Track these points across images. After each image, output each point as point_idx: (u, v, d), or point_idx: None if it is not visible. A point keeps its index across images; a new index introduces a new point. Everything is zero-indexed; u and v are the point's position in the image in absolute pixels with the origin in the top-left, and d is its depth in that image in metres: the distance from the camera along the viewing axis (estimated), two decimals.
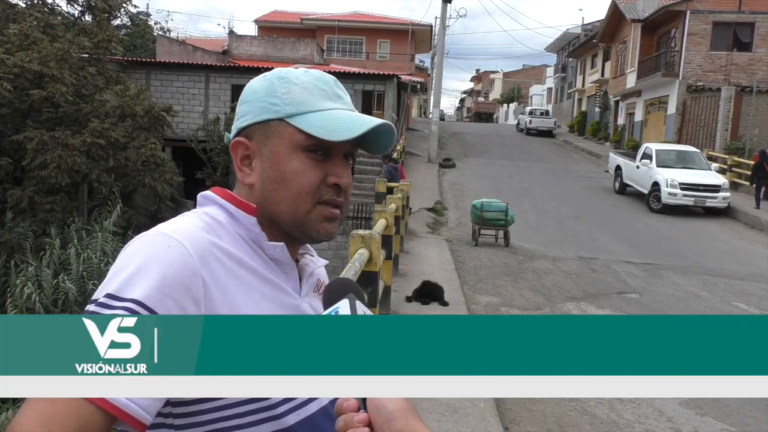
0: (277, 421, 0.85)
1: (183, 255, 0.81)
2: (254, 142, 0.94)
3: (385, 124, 0.93)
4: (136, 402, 0.74)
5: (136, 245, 0.83)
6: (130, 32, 27.68)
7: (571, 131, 36.31)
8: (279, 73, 0.95)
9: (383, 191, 12.08)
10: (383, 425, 0.71)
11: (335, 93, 0.95)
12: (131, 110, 14.93)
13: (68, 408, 0.71)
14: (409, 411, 0.73)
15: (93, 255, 11.05)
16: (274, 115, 0.92)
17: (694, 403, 4.77)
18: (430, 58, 37.90)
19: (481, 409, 4.12)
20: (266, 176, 0.93)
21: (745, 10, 23.22)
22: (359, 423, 0.72)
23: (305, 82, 0.94)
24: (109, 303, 0.77)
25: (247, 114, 0.94)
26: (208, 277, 0.82)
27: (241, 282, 0.87)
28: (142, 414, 0.75)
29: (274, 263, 0.93)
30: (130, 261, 0.80)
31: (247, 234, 0.92)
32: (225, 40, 29.96)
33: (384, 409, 0.72)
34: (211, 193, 0.95)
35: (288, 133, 0.91)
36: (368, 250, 4.16)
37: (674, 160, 16.20)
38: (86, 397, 0.71)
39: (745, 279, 9.51)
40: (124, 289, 0.77)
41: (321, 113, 0.92)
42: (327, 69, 21.71)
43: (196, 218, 0.90)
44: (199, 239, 0.84)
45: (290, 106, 0.92)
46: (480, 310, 7.09)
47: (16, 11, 16.87)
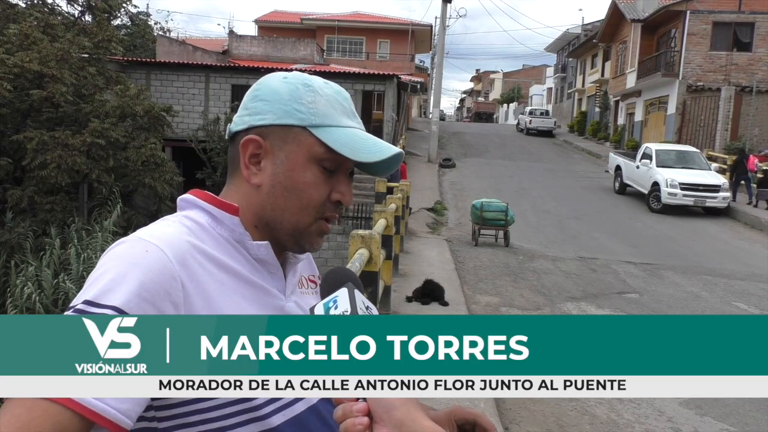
0: (262, 421, 0.84)
1: (161, 259, 0.80)
2: (269, 143, 0.92)
3: (400, 153, 0.94)
4: (114, 407, 0.73)
5: (115, 252, 0.82)
6: (130, 32, 27.68)
7: (571, 131, 36.31)
8: (303, 80, 0.94)
9: (383, 191, 12.09)
10: (383, 414, 0.70)
11: (352, 111, 0.96)
12: (131, 110, 14.92)
13: (45, 413, 0.70)
14: (410, 401, 0.71)
15: (93, 255, 11.05)
16: (298, 122, 0.91)
17: (694, 403, 4.77)
18: (430, 58, 37.92)
19: (481, 409, 4.11)
20: (277, 181, 0.92)
21: (745, 10, 23.23)
22: (358, 412, 0.71)
23: (328, 95, 0.94)
24: (86, 309, 0.76)
25: (266, 113, 0.92)
26: (188, 281, 0.81)
27: (222, 285, 0.86)
28: (121, 418, 0.73)
29: (258, 263, 0.92)
30: (108, 267, 0.80)
31: (230, 235, 0.91)
32: (225, 40, 29.96)
33: (384, 398, 0.71)
34: (190, 196, 0.94)
35: (308, 143, 0.91)
36: (368, 250, 4.17)
37: (674, 160, 16.21)
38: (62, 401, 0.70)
39: (745, 279, 9.51)
40: (102, 296, 0.76)
41: (343, 130, 0.92)
42: (327, 69, 21.74)
43: (176, 222, 0.89)
44: (178, 243, 0.83)
45: (315, 117, 0.91)
46: (480, 310, 7.09)
47: (16, 11, 16.89)
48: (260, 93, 0.94)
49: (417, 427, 0.69)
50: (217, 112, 19.95)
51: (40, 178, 13.20)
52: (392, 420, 0.69)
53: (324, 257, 13.84)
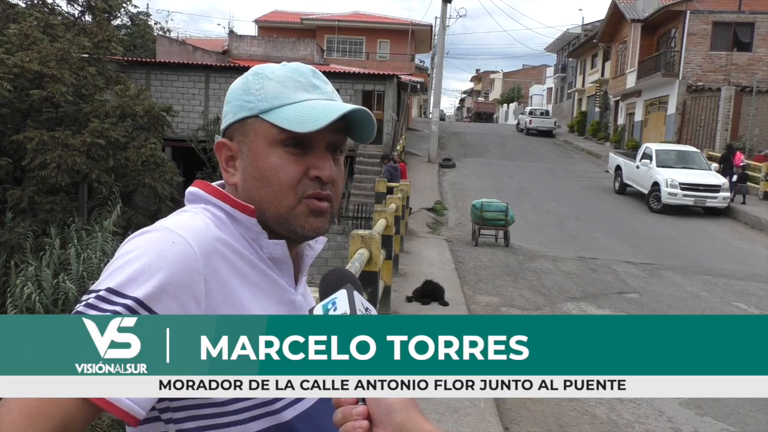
0: (275, 415, 0.85)
1: (187, 252, 0.80)
2: (235, 142, 0.94)
3: (358, 109, 0.90)
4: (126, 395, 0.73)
5: (142, 240, 0.82)
6: (130, 32, 27.67)
7: (571, 131, 36.29)
8: (254, 70, 0.95)
9: (383, 191, 12.10)
10: (383, 418, 0.70)
11: (311, 83, 0.94)
12: (131, 110, 14.92)
13: (53, 400, 0.70)
14: (410, 404, 0.71)
15: (93, 255, 11.05)
16: (249, 112, 0.92)
17: (694, 403, 4.77)
18: (430, 58, 37.91)
19: (481, 409, 4.12)
20: (247, 175, 0.92)
21: (745, 10, 23.22)
22: (358, 415, 0.71)
23: (279, 76, 0.93)
24: (109, 297, 0.76)
25: (227, 114, 0.94)
26: (211, 275, 0.82)
27: (243, 277, 0.87)
28: (133, 407, 0.74)
29: (271, 261, 0.92)
30: (135, 256, 0.79)
31: (247, 232, 0.91)
32: (225, 40, 29.96)
33: (384, 401, 0.70)
34: (201, 191, 0.93)
35: (263, 129, 0.91)
36: (368, 250, 4.17)
37: (674, 160, 16.20)
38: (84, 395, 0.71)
39: (745, 279, 9.51)
40: (126, 285, 0.77)
41: (294, 105, 0.90)
42: (327, 69, 21.73)
43: (200, 214, 0.89)
44: (204, 236, 0.84)
45: (263, 102, 0.91)
46: (480, 310, 7.09)
47: (16, 11, 16.88)
48: (226, 97, 0.97)
49: (417, 430, 0.69)
50: (217, 112, 19.93)
51: (40, 178, 13.20)
52: (392, 423, 0.69)
53: (324, 257, 13.82)
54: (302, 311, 0.95)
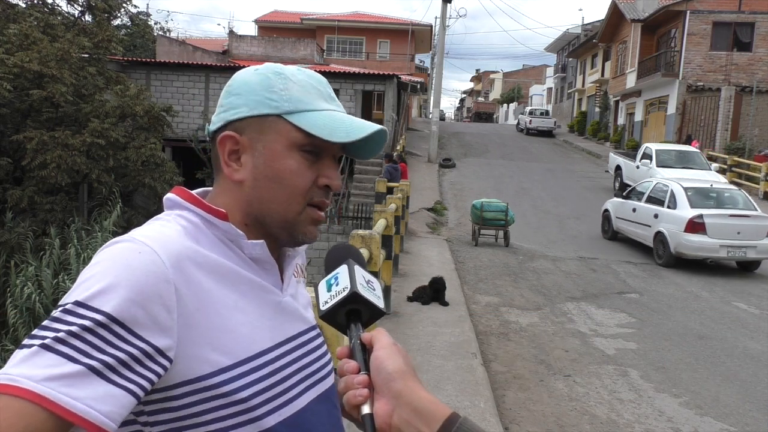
0: (256, 423, 0.83)
1: (154, 262, 0.78)
2: (245, 137, 0.90)
3: (382, 130, 0.91)
4: (96, 408, 0.69)
5: (108, 252, 0.80)
6: (130, 32, 27.69)
7: (571, 131, 36.30)
8: (274, 69, 0.93)
9: (383, 191, 12.10)
10: (383, 386, 0.74)
11: (329, 94, 0.94)
12: (131, 110, 14.91)
13: (18, 414, 0.66)
14: (408, 372, 0.75)
15: (93, 255, 11.01)
16: (272, 110, 0.89)
17: (694, 403, 4.77)
18: (430, 58, 37.92)
19: (481, 409, 4.12)
20: (259, 173, 0.90)
21: (745, 10, 23.23)
22: (359, 384, 0.75)
23: (301, 80, 0.92)
24: (75, 310, 0.73)
25: (239, 107, 0.90)
26: (182, 283, 0.80)
27: (221, 283, 0.84)
28: (104, 420, 0.70)
29: (253, 261, 0.90)
30: (101, 269, 0.77)
31: (224, 235, 0.89)
32: (225, 40, 29.98)
33: (384, 370, 0.75)
34: (176, 197, 0.91)
35: (285, 130, 0.89)
36: (368, 250, 4.17)
37: (674, 160, 16.20)
38: (37, 400, 0.67)
39: (745, 279, 9.51)
40: (93, 299, 0.74)
41: (319, 113, 0.90)
42: (327, 69, 21.73)
43: (171, 222, 0.87)
44: (172, 244, 0.81)
45: (288, 103, 0.90)
46: (480, 310, 7.08)
47: (16, 11, 16.85)
48: (233, 88, 0.92)
49: (414, 397, 0.73)
50: None
51: (40, 178, 13.19)
52: (391, 391, 0.74)
53: (323, 256, 13.82)
54: (290, 313, 0.93)
